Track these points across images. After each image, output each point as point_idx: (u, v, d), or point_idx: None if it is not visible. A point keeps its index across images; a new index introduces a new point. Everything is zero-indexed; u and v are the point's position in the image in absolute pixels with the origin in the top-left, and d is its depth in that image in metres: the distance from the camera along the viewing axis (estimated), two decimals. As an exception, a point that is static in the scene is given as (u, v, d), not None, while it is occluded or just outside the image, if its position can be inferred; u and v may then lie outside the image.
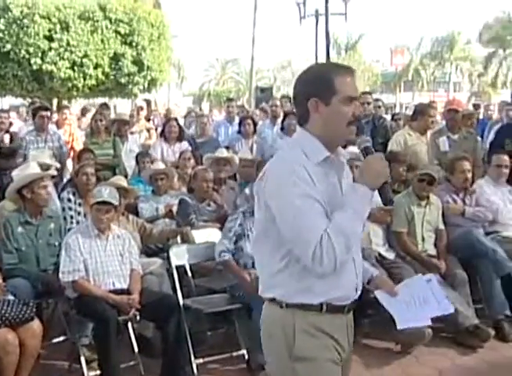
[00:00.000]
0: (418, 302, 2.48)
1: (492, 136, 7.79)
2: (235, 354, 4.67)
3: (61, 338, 4.84)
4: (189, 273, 5.01)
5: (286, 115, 8.24)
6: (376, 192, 2.29)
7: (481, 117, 11.62)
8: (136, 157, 7.26)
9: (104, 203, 4.55)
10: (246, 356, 4.62)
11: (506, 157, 5.91)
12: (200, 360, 4.55)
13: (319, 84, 2.27)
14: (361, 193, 2.22)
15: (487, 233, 5.65)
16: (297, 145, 2.32)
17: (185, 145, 7.81)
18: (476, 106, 13.32)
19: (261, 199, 2.30)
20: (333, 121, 2.28)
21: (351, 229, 2.18)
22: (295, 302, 2.28)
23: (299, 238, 2.17)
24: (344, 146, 2.56)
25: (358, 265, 2.37)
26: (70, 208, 5.55)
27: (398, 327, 2.47)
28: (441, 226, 5.48)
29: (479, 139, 7.19)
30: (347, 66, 2.40)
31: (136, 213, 5.84)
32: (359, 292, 2.39)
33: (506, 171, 5.91)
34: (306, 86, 2.31)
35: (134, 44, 17.00)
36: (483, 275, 5.32)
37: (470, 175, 5.72)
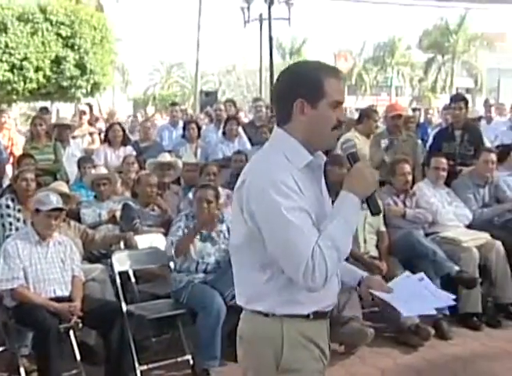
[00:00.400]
0: (417, 297, 2.42)
1: (431, 140, 7.98)
2: (179, 359, 4.64)
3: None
4: (133, 279, 4.97)
5: (228, 119, 8.26)
6: None
7: (421, 120, 11.91)
8: (78, 162, 7.14)
9: (54, 209, 4.47)
10: (191, 362, 4.61)
11: (443, 160, 6.07)
12: (145, 367, 4.50)
13: (308, 85, 2.15)
14: (351, 202, 2.11)
15: (427, 234, 5.78)
16: (278, 148, 2.18)
17: (129, 149, 7.74)
18: (416, 110, 13.62)
19: (244, 209, 2.12)
20: (318, 124, 2.16)
21: (342, 241, 2.07)
22: (284, 313, 2.17)
23: (290, 253, 2.04)
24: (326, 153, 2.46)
25: (338, 272, 2.27)
26: (9, 215, 5.41)
27: (404, 315, 2.38)
28: (383, 228, 5.58)
29: (419, 142, 7.36)
30: (336, 68, 2.29)
31: (78, 219, 5.75)
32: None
33: (444, 173, 6.07)
34: (293, 85, 2.18)
35: (76, 47, 16.75)
36: (423, 275, 5.44)
37: (410, 178, 5.85)
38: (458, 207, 6.02)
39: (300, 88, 2.15)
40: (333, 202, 2.23)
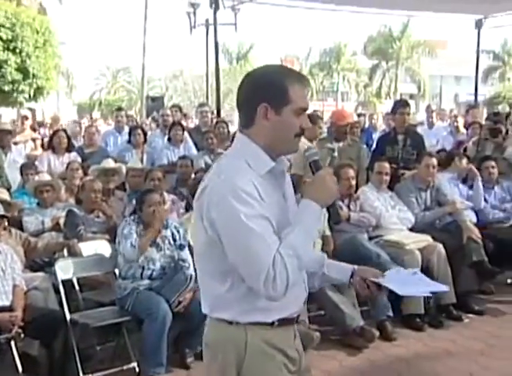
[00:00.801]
0: (411, 283, 2.48)
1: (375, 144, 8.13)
2: (125, 367, 4.60)
3: None
4: (77, 287, 4.89)
5: (173, 125, 8.23)
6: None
7: (366, 125, 12.12)
8: (21, 168, 6.98)
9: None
10: (137, 369, 4.56)
11: (386, 165, 6.18)
12: (89, 376, 4.44)
13: (273, 90, 2.12)
14: (312, 210, 2.09)
15: (371, 238, 5.88)
16: (240, 155, 2.15)
17: (73, 156, 7.62)
18: (361, 116, 13.85)
19: (204, 217, 2.10)
20: (281, 130, 2.14)
21: (303, 249, 2.05)
22: (247, 321, 2.16)
23: (250, 261, 2.02)
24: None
25: (305, 278, 2.29)
26: None
27: (400, 294, 2.38)
28: (328, 232, 5.64)
29: (364, 146, 7.48)
30: (301, 74, 2.27)
31: (20, 227, 5.62)
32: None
33: (387, 177, 6.18)
34: (257, 90, 2.15)
35: (17, 50, 16.39)
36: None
37: (353, 182, 5.93)
38: (401, 210, 6.14)
39: (264, 92, 2.13)
40: None
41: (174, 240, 4.90)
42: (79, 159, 7.49)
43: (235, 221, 2.02)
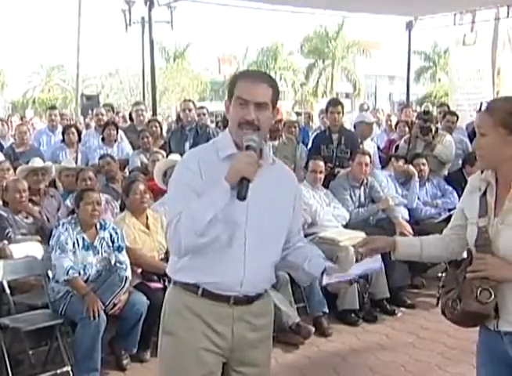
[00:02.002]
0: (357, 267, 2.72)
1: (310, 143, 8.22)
2: (59, 371, 4.50)
3: None
4: (8, 290, 4.75)
5: (106, 125, 8.10)
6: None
7: (303, 124, 12.23)
8: None
9: None
10: (71, 373, 4.47)
11: (321, 163, 6.26)
12: (20, 381, 4.33)
13: (229, 85, 2.45)
14: (221, 185, 2.26)
15: (306, 235, 5.90)
16: (215, 140, 2.55)
17: (-2, 155, 7.39)
18: (299, 115, 13.98)
19: None
20: (230, 120, 2.44)
21: (201, 216, 2.24)
22: (176, 279, 2.47)
23: (168, 219, 2.38)
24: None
25: (253, 263, 2.40)
26: None
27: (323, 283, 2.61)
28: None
29: (301, 145, 7.55)
30: (256, 72, 2.59)
31: None
32: (251, 289, 2.44)
33: (321, 176, 6.26)
34: (227, 87, 2.52)
35: None
36: (303, 275, 5.59)
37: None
38: (336, 207, 6.24)
39: (228, 88, 2.48)
40: None
41: (113, 241, 4.81)
42: (1, 157, 7.24)
43: (171, 182, 2.48)
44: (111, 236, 4.80)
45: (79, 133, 8.36)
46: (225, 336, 2.44)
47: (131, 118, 9.26)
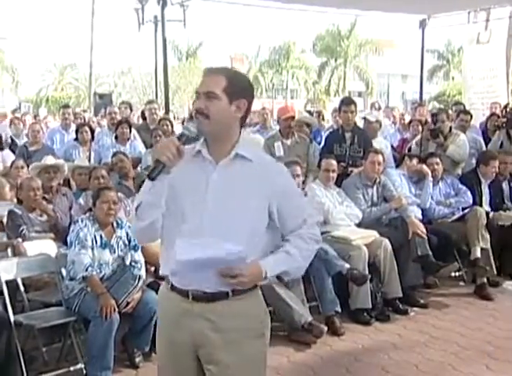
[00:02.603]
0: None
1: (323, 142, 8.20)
2: (72, 369, 4.52)
3: None
4: (22, 288, 4.79)
5: (119, 123, 8.10)
6: None
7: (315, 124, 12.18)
8: (-40, 166, 6.80)
9: None
10: (84, 371, 4.49)
11: (333, 162, 6.24)
12: (34, 378, 4.35)
13: None
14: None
15: (318, 234, 5.92)
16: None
17: (8, 154, 7.43)
18: (312, 113, 13.94)
19: None
20: None
21: (137, 201, 2.44)
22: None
23: None
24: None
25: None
26: None
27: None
28: (276, 229, 5.67)
29: (314, 144, 7.53)
30: (218, 67, 2.56)
31: (-39, 227, 5.47)
32: (208, 284, 2.40)
33: (334, 175, 6.24)
34: None
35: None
36: (315, 274, 5.58)
37: (299, 180, 5.97)
38: (348, 206, 6.22)
39: None
40: None
41: (129, 240, 4.81)
42: (12, 156, 7.30)
43: None
44: (127, 234, 4.80)
45: (92, 132, 8.40)
46: (187, 332, 2.47)
47: (144, 117, 9.29)
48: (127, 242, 4.79)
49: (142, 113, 9.69)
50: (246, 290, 2.45)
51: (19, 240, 5.10)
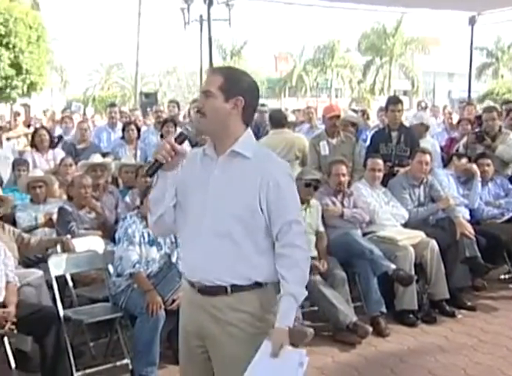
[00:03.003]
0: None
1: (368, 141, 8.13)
2: (118, 363, 4.59)
3: None
4: (70, 283, 4.88)
5: (165, 122, 8.17)
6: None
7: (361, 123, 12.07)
8: (12, 164, 6.95)
9: None
10: (130, 366, 4.55)
11: (379, 161, 6.18)
12: (82, 372, 4.42)
13: None
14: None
15: (364, 234, 5.88)
16: None
17: (58, 152, 7.59)
18: (357, 112, 13.82)
19: None
20: None
21: (150, 194, 2.64)
22: None
23: None
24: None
25: (206, 252, 2.49)
26: None
27: None
28: (321, 229, 5.65)
29: (360, 142, 7.47)
30: (213, 67, 2.60)
31: (14, 223, 5.60)
32: (207, 277, 2.50)
33: (380, 174, 6.17)
34: None
35: (10, 46, 16.32)
36: (361, 274, 5.55)
37: (345, 179, 5.93)
38: (394, 206, 6.15)
39: None
40: None
41: (176, 237, 4.84)
42: (62, 154, 7.44)
43: None
44: (174, 233, 4.83)
45: (138, 130, 8.50)
46: (195, 322, 2.59)
47: (190, 115, 9.35)
48: (173, 239, 4.82)
49: (189, 111, 9.77)
50: (247, 287, 2.50)
51: (69, 236, 5.19)
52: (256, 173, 2.47)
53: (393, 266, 5.45)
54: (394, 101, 7.04)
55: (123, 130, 8.36)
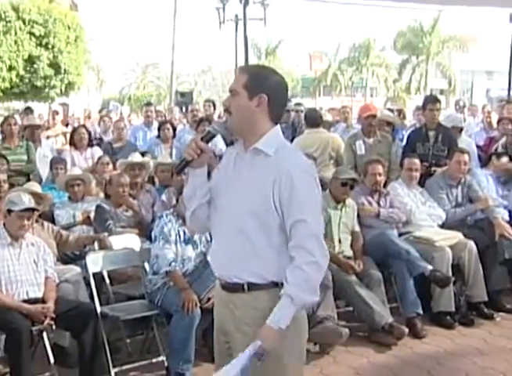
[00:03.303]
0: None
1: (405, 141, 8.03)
2: (154, 360, 4.63)
3: (-28, 352, 4.67)
4: (107, 280, 4.94)
5: (201, 121, 8.21)
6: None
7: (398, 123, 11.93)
8: (50, 162, 7.06)
9: (26, 209, 4.43)
10: (166, 363, 4.59)
11: (416, 161, 6.10)
12: (119, 368, 4.47)
13: None
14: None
15: (400, 234, 5.82)
16: None
17: (96, 150, 7.68)
18: (393, 111, 13.68)
19: None
20: None
21: (184, 192, 2.71)
22: None
23: None
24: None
25: (225, 249, 2.54)
26: (-19, 216, 5.34)
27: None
28: (357, 228, 5.61)
29: (397, 142, 7.39)
30: (245, 66, 2.63)
31: (52, 220, 5.70)
32: (226, 273, 2.56)
33: (417, 174, 6.10)
34: None
35: (50, 46, 16.61)
36: (397, 275, 5.49)
37: (381, 178, 5.88)
38: (431, 207, 6.07)
39: None
40: None
41: (211, 236, 4.84)
42: (100, 153, 7.53)
43: None
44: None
45: (174, 129, 8.55)
46: (218, 318, 2.70)
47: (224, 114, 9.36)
48: (209, 238, 4.82)
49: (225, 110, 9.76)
50: (263, 286, 2.48)
51: (106, 234, 5.26)
52: (273, 170, 2.45)
53: (430, 267, 5.38)
54: (432, 100, 6.96)
55: (159, 129, 8.42)
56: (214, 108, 10.75)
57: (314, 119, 7.39)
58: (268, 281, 2.48)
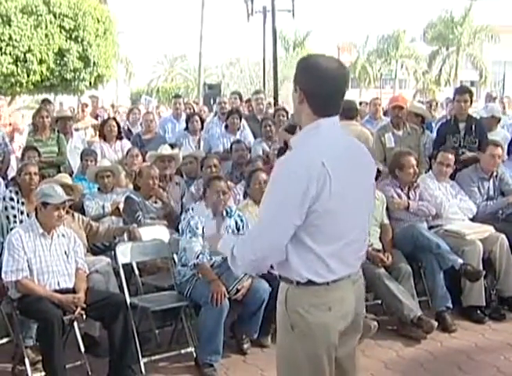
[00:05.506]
0: None
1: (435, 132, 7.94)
2: (183, 351, 4.67)
3: (4, 340, 4.75)
4: (136, 271, 4.98)
5: (230, 113, 8.21)
6: None
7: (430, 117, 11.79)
8: (81, 154, 7.13)
9: (63, 202, 4.48)
10: (194, 354, 4.62)
11: (451, 156, 5.97)
12: (148, 359, 4.52)
13: None
14: None
15: (430, 227, 5.76)
16: None
17: (126, 143, 7.73)
18: (421, 103, 13.53)
19: None
20: None
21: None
22: None
23: None
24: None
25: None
26: (13, 207, 5.42)
27: None
28: (386, 221, 5.57)
29: (427, 133, 7.29)
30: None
31: (82, 211, 5.75)
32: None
33: (449, 170, 5.99)
34: None
35: (79, 39, 16.77)
36: (427, 268, 5.44)
37: (415, 170, 5.81)
38: (462, 200, 5.99)
39: None
40: None
41: (238, 229, 4.85)
42: (129, 145, 7.57)
43: None
44: (236, 223, 4.85)
45: (202, 121, 8.57)
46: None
47: (248, 106, 9.35)
48: (236, 231, 4.83)
49: (247, 101, 9.77)
50: (281, 278, 2.50)
51: (135, 225, 5.29)
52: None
53: (460, 261, 5.32)
54: (461, 91, 6.86)
55: (187, 121, 8.44)
56: (241, 100, 10.75)
57: (349, 111, 7.32)
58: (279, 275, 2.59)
